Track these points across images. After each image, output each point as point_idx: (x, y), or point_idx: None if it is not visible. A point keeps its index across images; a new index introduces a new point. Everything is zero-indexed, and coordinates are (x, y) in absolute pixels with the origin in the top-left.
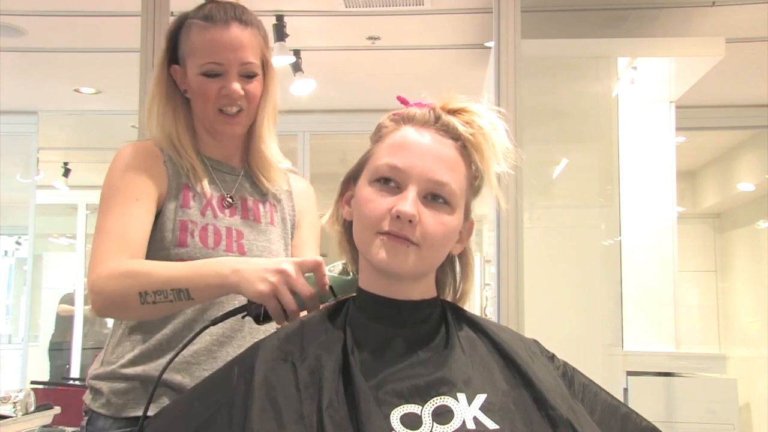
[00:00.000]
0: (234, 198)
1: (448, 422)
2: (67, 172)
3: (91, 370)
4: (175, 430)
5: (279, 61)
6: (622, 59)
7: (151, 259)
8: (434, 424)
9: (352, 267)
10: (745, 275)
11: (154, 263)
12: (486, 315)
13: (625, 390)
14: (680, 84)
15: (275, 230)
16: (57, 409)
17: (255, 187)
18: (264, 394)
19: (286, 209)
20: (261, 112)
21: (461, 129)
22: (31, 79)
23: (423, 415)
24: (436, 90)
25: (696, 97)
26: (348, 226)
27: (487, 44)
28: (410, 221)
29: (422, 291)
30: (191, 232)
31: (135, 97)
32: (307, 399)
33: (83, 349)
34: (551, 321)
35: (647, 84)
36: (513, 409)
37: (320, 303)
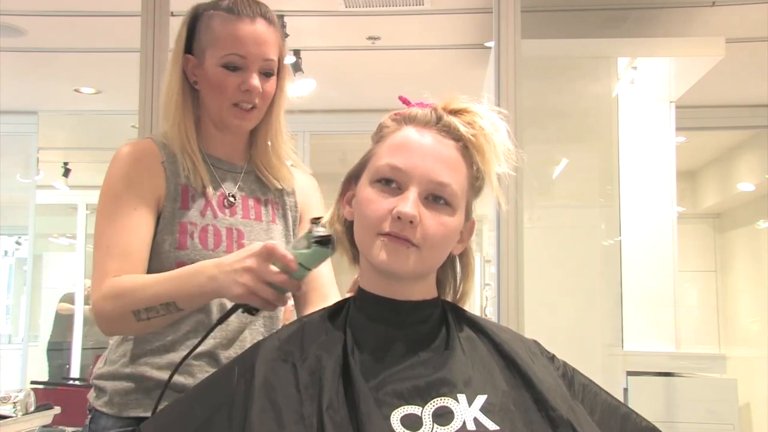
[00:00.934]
0: (235, 197)
1: (448, 423)
2: (67, 172)
3: (95, 368)
4: (175, 431)
5: None
6: (622, 59)
7: (152, 263)
8: (434, 425)
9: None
10: (745, 275)
11: (142, 279)
12: (486, 315)
13: (625, 390)
14: (680, 84)
15: (277, 228)
16: (57, 409)
17: (257, 184)
18: (264, 394)
19: (288, 205)
20: (273, 110)
21: (463, 129)
22: (31, 79)
23: (423, 416)
24: (436, 90)
25: (696, 97)
26: (349, 226)
27: (487, 44)
28: (411, 222)
29: (423, 291)
30: (191, 233)
31: (135, 97)
32: (307, 400)
33: (83, 349)
34: (551, 321)
35: (647, 84)
36: (513, 409)
37: (298, 281)
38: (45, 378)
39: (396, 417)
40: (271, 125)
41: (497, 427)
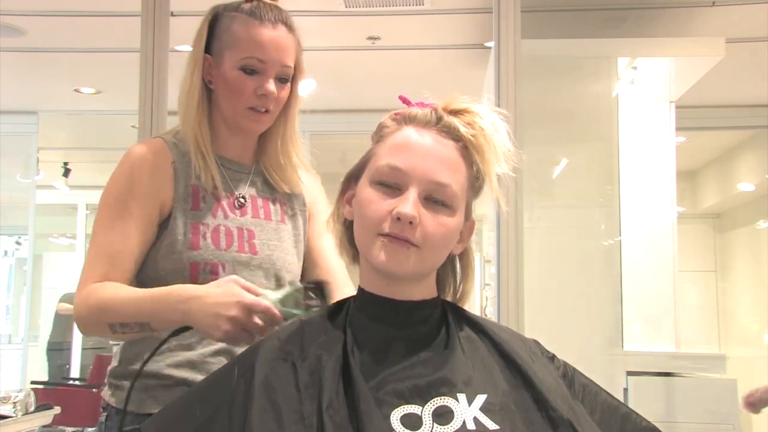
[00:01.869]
0: (245, 198)
1: (448, 423)
2: (67, 172)
3: (110, 367)
4: (176, 430)
5: None
6: (622, 59)
7: (165, 264)
8: (434, 424)
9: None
10: (745, 275)
11: (121, 293)
12: (486, 315)
13: (625, 390)
14: (680, 84)
15: (286, 228)
16: (57, 409)
17: (265, 185)
18: (264, 394)
19: (296, 206)
20: (286, 113)
21: (463, 130)
22: (31, 79)
23: (423, 416)
24: (436, 90)
25: (696, 97)
26: (348, 226)
27: (487, 44)
28: (411, 223)
29: (423, 291)
30: (203, 234)
31: (135, 97)
32: (307, 399)
33: (83, 349)
34: (551, 321)
35: (647, 84)
36: (513, 409)
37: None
38: (45, 378)
39: (396, 416)
40: (282, 129)
41: (497, 427)
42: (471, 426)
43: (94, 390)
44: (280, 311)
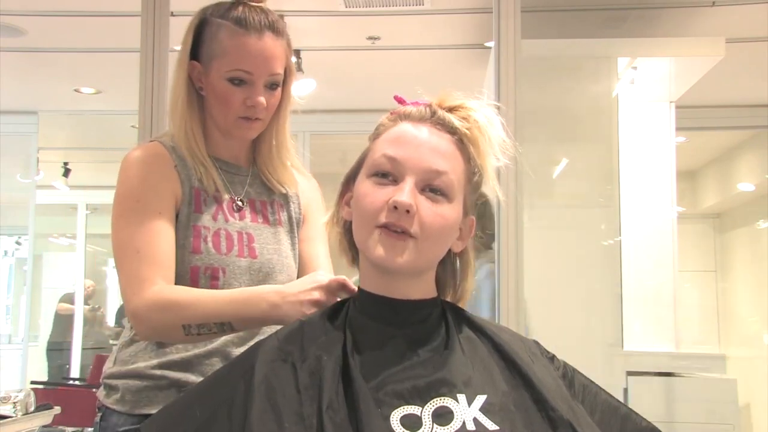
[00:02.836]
0: (243, 201)
1: (448, 423)
2: (67, 172)
3: (105, 368)
4: (176, 430)
5: None
6: (622, 59)
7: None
8: (434, 425)
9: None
10: (745, 275)
11: (195, 294)
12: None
13: (625, 390)
14: (680, 84)
15: (283, 230)
16: (57, 409)
17: (263, 187)
18: (264, 395)
19: (292, 207)
20: (278, 115)
21: (457, 124)
22: (31, 79)
23: (423, 416)
24: (436, 90)
25: (696, 97)
26: (348, 228)
27: (487, 44)
28: (408, 212)
29: (422, 291)
30: (204, 237)
31: (135, 97)
32: (307, 400)
33: (83, 349)
34: (551, 321)
35: (647, 84)
36: (513, 409)
37: None
38: (45, 378)
39: (396, 417)
40: (275, 131)
41: (497, 427)
42: (471, 426)
43: (94, 390)
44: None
